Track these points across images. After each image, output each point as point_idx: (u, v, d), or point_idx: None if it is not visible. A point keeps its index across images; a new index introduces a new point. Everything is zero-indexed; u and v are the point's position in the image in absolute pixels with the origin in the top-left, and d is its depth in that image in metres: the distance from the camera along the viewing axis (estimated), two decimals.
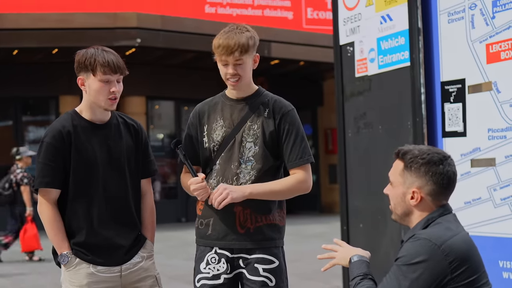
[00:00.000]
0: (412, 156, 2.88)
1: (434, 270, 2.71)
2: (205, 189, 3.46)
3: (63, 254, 3.46)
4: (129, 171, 3.59)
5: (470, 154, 4.34)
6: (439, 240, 2.74)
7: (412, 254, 2.74)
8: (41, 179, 3.45)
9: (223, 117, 3.58)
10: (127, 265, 3.55)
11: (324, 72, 20.25)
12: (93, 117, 3.54)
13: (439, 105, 4.57)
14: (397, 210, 2.96)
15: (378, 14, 5.09)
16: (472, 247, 2.84)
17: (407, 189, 2.89)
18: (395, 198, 2.94)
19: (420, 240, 2.76)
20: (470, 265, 2.76)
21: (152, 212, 3.72)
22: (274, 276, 3.54)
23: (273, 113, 3.56)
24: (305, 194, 3.66)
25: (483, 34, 4.27)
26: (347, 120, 5.50)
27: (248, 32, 3.50)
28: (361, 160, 5.39)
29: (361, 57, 5.29)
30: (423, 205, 2.89)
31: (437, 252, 2.71)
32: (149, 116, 18.86)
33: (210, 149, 3.58)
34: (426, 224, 2.86)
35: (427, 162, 2.86)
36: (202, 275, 3.54)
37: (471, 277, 2.74)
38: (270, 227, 3.56)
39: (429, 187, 2.86)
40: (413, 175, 2.87)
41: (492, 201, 4.21)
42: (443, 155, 2.90)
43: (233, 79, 3.49)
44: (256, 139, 3.53)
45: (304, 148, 3.54)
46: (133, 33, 15.53)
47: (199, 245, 3.61)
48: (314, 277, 9.33)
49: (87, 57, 3.46)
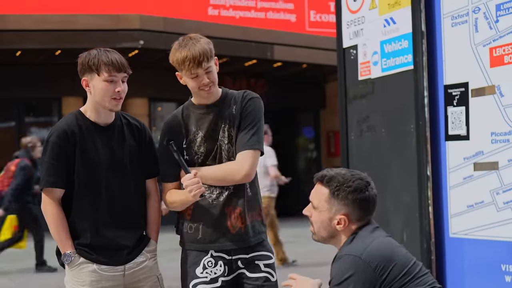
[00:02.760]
0: (338, 184, 3.00)
1: (364, 280, 2.83)
2: (198, 184, 3.42)
3: (67, 254, 3.47)
4: (132, 172, 3.59)
5: (473, 157, 4.34)
6: (358, 251, 2.87)
7: (340, 273, 2.88)
8: (46, 179, 3.45)
9: (199, 127, 3.55)
10: (130, 265, 3.55)
11: (327, 75, 20.23)
12: (98, 118, 3.54)
13: (442, 108, 4.56)
14: (321, 233, 3.08)
15: (382, 17, 5.08)
16: (393, 245, 2.97)
17: (334, 215, 3.01)
18: (319, 222, 3.06)
19: (342, 257, 2.91)
20: (397, 262, 2.88)
21: (156, 212, 3.72)
22: (274, 271, 3.58)
23: (240, 107, 3.55)
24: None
25: (486, 38, 4.26)
26: (350, 123, 5.49)
27: (202, 39, 3.49)
28: (364, 163, 5.38)
29: (364, 60, 5.29)
30: (349, 228, 3.02)
31: (360, 262, 2.84)
32: (151, 117, 18.85)
33: (192, 160, 3.55)
34: (350, 242, 3.00)
35: (353, 190, 2.99)
36: (198, 280, 3.52)
37: (402, 271, 2.87)
38: (258, 223, 3.59)
39: (355, 213, 3.01)
40: (340, 202, 3.00)
41: (495, 204, 4.20)
42: (366, 181, 3.04)
43: (207, 87, 3.48)
44: (231, 139, 3.52)
45: (252, 135, 3.49)
46: (135, 35, 15.53)
47: (191, 249, 3.58)
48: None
49: (90, 58, 3.47)
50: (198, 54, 3.40)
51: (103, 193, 3.50)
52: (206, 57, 3.42)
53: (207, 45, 3.46)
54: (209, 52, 3.44)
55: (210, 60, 3.45)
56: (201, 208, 3.53)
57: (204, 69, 3.44)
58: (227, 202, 3.51)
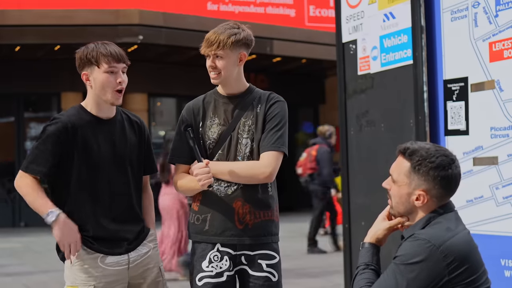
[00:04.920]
0: (420, 158, 2.84)
1: (431, 271, 2.70)
2: (208, 174, 3.44)
3: (50, 212, 3.37)
4: (131, 168, 3.59)
5: (472, 152, 4.34)
6: (438, 241, 2.72)
7: (411, 254, 2.73)
8: (31, 166, 3.41)
9: (217, 114, 3.60)
10: (134, 257, 3.55)
11: (326, 70, 20.23)
12: (99, 112, 3.54)
13: (442, 103, 4.56)
14: (398, 208, 2.93)
15: (381, 12, 5.08)
16: (472, 247, 2.82)
17: (413, 190, 2.86)
18: (398, 197, 2.91)
19: (419, 240, 2.74)
20: (470, 265, 2.74)
21: (152, 203, 3.78)
22: (276, 271, 3.57)
23: (265, 107, 3.59)
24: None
25: (486, 33, 4.26)
26: (349, 118, 5.50)
27: (236, 29, 3.57)
28: (363, 158, 5.39)
29: (363, 55, 5.29)
30: (427, 206, 2.87)
31: (436, 253, 2.70)
32: (151, 113, 18.86)
33: (205, 146, 3.59)
34: (427, 222, 2.84)
35: (436, 166, 2.82)
36: (204, 274, 3.53)
37: (471, 277, 2.73)
38: (269, 223, 3.58)
39: (436, 191, 2.84)
40: (420, 178, 2.84)
41: (494, 199, 4.21)
42: (450, 158, 2.86)
43: (213, 72, 3.57)
44: (251, 135, 3.55)
45: (278, 137, 3.52)
46: (135, 30, 15.52)
47: (197, 241, 3.59)
48: (316, 275, 9.34)
49: (89, 51, 3.47)
50: (214, 37, 3.51)
51: (104, 187, 3.49)
52: (219, 43, 3.50)
53: (229, 36, 3.52)
54: (225, 40, 3.51)
55: (222, 48, 3.51)
56: (209, 200, 3.54)
57: (212, 51, 3.52)
58: (237, 197, 3.52)
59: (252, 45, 3.66)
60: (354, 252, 5.33)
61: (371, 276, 2.91)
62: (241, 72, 3.65)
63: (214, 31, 3.55)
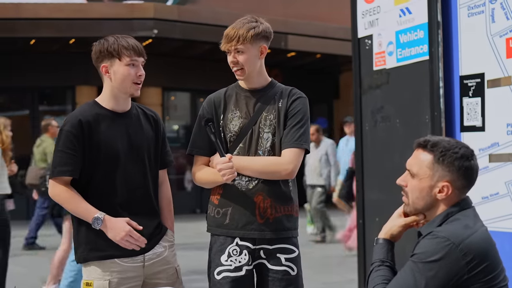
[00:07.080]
0: (443, 150, 2.82)
1: (450, 270, 2.67)
2: (231, 169, 3.44)
3: (95, 217, 3.40)
4: (149, 161, 3.60)
5: (488, 149, 4.31)
6: (457, 239, 2.70)
7: (430, 252, 2.71)
8: (58, 168, 3.44)
9: (239, 107, 3.60)
10: (150, 255, 3.55)
11: (341, 65, 20.18)
12: (116, 105, 3.55)
13: (458, 99, 4.53)
14: (416, 204, 2.90)
15: (397, 7, 5.05)
16: (491, 244, 2.79)
17: (436, 182, 2.83)
18: (418, 191, 2.88)
19: (438, 238, 2.72)
20: (490, 262, 2.72)
21: (170, 202, 3.75)
22: (295, 265, 3.57)
23: (286, 102, 3.59)
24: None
25: (503, 28, 4.23)
26: (364, 113, 5.48)
27: (254, 23, 3.57)
28: (378, 154, 5.37)
29: (379, 50, 5.26)
30: (449, 198, 2.84)
31: (455, 251, 2.68)
32: (165, 107, 18.88)
33: (226, 139, 3.59)
34: (444, 219, 2.82)
35: (460, 156, 2.81)
36: (223, 268, 3.53)
37: (490, 275, 2.71)
38: (288, 218, 3.58)
39: (459, 182, 2.82)
40: (445, 169, 2.81)
41: (510, 196, 4.18)
42: (471, 150, 2.86)
43: (236, 68, 3.57)
44: (273, 129, 3.55)
45: (301, 134, 3.52)
46: (150, 24, 15.55)
47: (217, 234, 3.59)
48: (329, 270, 9.34)
49: (109, 44, 3.49)
50: (233, 32, 3.51)
51: (121, 181, 3.49)
52: (238, 37, 3.50)
53: (248, 30, 3.52)
54: (244, 35, 3.51)
55: (242, 42, 3.51)
56: (230, 194, 3.55)
57: (232, 46, 3.52)
58: (258, 191, 3.52)
59: (271, 38, 3.66)
60: (368, 248, 5.31)
61: (386, 273, 2.89)
62: (262, 65, 3.66)
63: (233, 27, 3.54)
